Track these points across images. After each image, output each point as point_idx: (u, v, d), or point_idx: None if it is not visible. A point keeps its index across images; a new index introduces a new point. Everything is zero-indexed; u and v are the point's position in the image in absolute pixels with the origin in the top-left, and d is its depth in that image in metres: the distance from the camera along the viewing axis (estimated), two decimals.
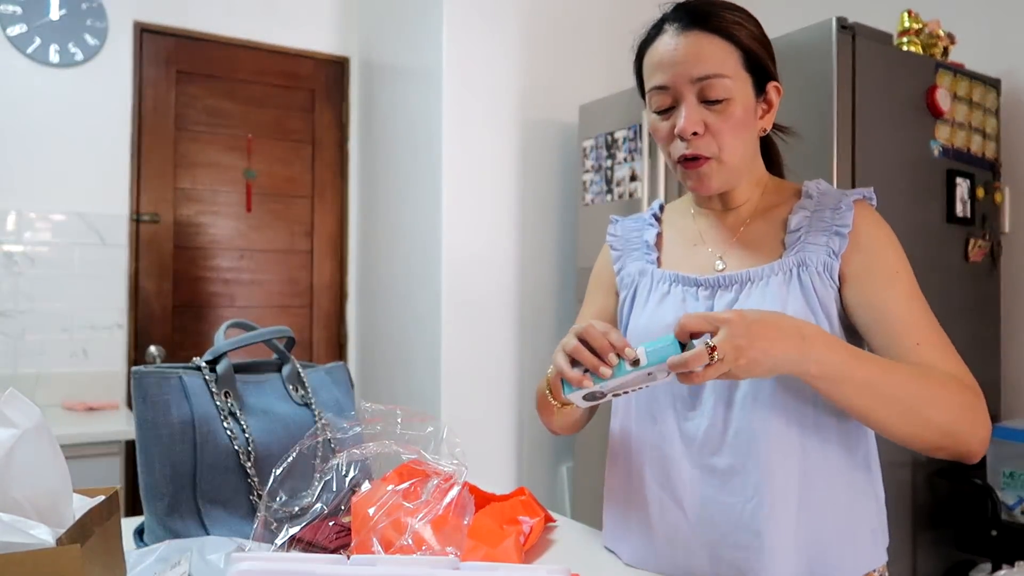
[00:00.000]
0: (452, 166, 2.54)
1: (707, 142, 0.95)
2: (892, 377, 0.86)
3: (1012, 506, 1.85)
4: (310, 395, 1.14)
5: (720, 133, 0.94)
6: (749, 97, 0.96)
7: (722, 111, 0.94)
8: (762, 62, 0.97)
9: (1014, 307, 2.16)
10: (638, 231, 1.12)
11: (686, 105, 0.94)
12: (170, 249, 2.98)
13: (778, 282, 0.94)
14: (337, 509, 0.89)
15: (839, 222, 0.95)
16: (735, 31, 0.94)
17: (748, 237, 1.01)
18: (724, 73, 0.93)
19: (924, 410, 0.85)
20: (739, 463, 0.92)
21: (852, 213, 0.95)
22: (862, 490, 0.96)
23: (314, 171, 3.27)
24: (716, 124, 0.94)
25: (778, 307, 0.92)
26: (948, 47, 2.06)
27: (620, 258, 1.12)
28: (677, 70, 0.94)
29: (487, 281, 2.60)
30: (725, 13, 0.95)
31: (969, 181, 2.03)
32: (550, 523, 1.18)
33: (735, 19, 0.96)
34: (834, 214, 0.95)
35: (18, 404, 0.65)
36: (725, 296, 0.97)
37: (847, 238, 0.94)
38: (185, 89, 3.02)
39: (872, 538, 0.97)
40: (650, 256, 1.08)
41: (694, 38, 0.94)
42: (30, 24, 2.71)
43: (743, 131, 0.96)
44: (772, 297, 0.93)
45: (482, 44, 2.60)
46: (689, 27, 0.94)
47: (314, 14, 3.23)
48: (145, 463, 0.99)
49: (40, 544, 0.59)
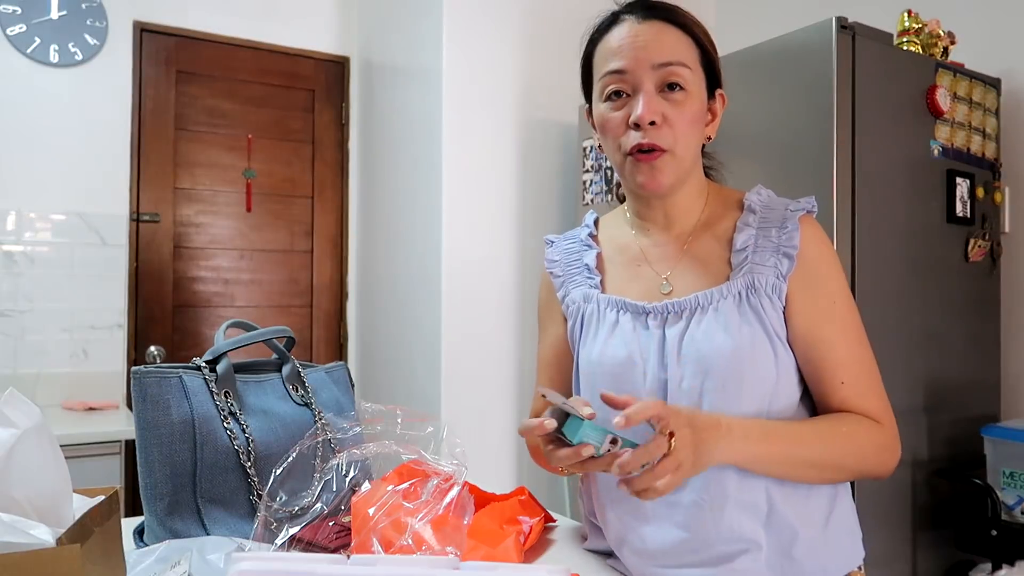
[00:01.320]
0: (452, 166, 2.54)
1: (665, 133, 0.92)
2: (804, 446, 0.90)
3: (1012, 506, 1.85)
4: (310, 395, 1.14)
5: (677, 124, 0.92)
6: (703, 95, 0.96)
7: (681, 103, 0.92)
8: (715, 64, 0.98)
9: (1014, 307, 2.16)
10: (576, 254, 1.09)
11: (645, 93, 0.92)
12: (170, 249, 2.98)
13: (728, 307, 0.92)
14: (337, 509, 0.89)
15: (787, 243, 0.93)
16: (694, 28, 0.95)
17: (693, 254, 0.99)
18: (686, 63, 0.92)
19: (837, 463, 0.92)
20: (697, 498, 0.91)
21: (799, 233, 0.93)
22: (831, 494, 0.96)
23: (314, 171, 3.27)
24: (673, 116, 0.92)
25: (733, 333, 0.90)
26: (948, 47, 2.06)
27: (563, 284, 1.08)
28: (638, 55, 0.92)
29: (487, 281, 2.60)
30: (681, 10, 0.96)
31: (969, 181, 2.03)
32: (550, 523, 1.18)
33: (692, 19, 0.97)
34: (780, 233, 0.94)
35: (18, 404, 0.65)
36: (676, 324, 0.94)
37: (795, 260, 0.92)
38: (185, 89, 3.02)
39: (850, 539, 0.98)
40: (593, 280, 1.04)
41: (657, 26, 0.93)
42: (30, 24, 2.71)
43: (696, 128, 0.95)
44: (724, 323, 0.91)
45: (482, 44, 2.60)
46: (649, 17, 0.94)
47: (314, 14, 3.23)
48: (145, 463, 0.99)
49: (40, 544, 0.59)
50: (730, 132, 2.00)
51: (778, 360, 0.92)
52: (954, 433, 1.96)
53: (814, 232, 0.95)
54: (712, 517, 0.91)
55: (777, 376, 0.91)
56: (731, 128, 1.99)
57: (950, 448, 1.95)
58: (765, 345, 0.91)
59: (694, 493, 0.91)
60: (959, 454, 1.96)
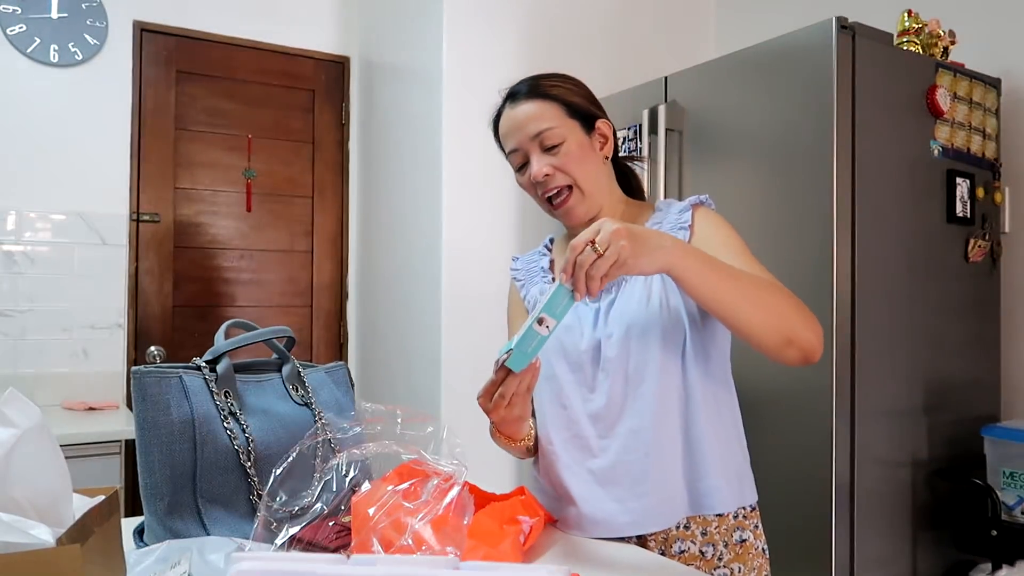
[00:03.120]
0: (452, 166, 2.54)
1: (559, 176, 1.18)
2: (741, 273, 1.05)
3: (1012, 506, 1.85)
4: (310, 395, 1.14)
5: (565, 166, 1.17)
6: (580, 136, 1.19)
7: (560, 152, 1.17)
8: (582, 109, 1.20)
9: (1014, 307, 2.16)
10: (535, 262, 1.35)
11: (533, 158, 1.19)
12: (170, 249, 2.98)
13: (640, 278, 1.15)
14: (337, 509, 0.89)
15: (681, 222, 1.17)
16: (553, 92, 1.20)
17: None
18: (552, 125, 1.17)
19: (768, 298, 1.04)
20: (635, 425, 1.13)
21: (690, 213, 1.18)
22: (727, 438, 1.18)
23: (314, 171, 3.27)
24: (559, 163, 1.17)
25: (646, 296, 1.14)
26: (948, 47, 2.06)
27: (524, 286, 1.34)
28: (519, 134, 1.19)
29: (487, 280, 2.60)
30: (542, 81, 1.21)
31: (969, 181, 2.03)
32: (550, 523, 1.18)
33: (551, 83, 1.21)
34: (678, 216, 1.18)
35: (18, 404, 0.65)
36: (607, 297, 1.18)
37: (688, 230, 1.16)
38: (185, 89, 3.02)
39: (739, 479, 1.18)
40: (547, 277, 1.30)
41: (524, 107, 1.19)
42: (30, 24, 2.71)
43: (584, 161, 1.18)
44: (639, 289, 1.15)
45: (482, 44, 2.60)
46: (517, 100, 1.21)
47: (314, 14, 3.23)
48: (145, 463, 0.99)
49: (40, 544, 0.59)
50: (730, 132, 2.00)
51: (686, 301, 1.13)
52: (954, 433, 1.96)
53: (705, 213, 1.19)
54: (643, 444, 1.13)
55: (688, 323, 1.13)
56: (731, 128, 2.00)
57: (950, 448, 1.95)
58: (676, 294, 1.13)
59: (626, 427, 1.14)
60: (959, 454, 1.96)
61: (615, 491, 1.14)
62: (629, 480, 1.13)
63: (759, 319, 1.02)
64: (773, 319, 1.03)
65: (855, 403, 1.72)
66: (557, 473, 1.20)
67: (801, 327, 1.04)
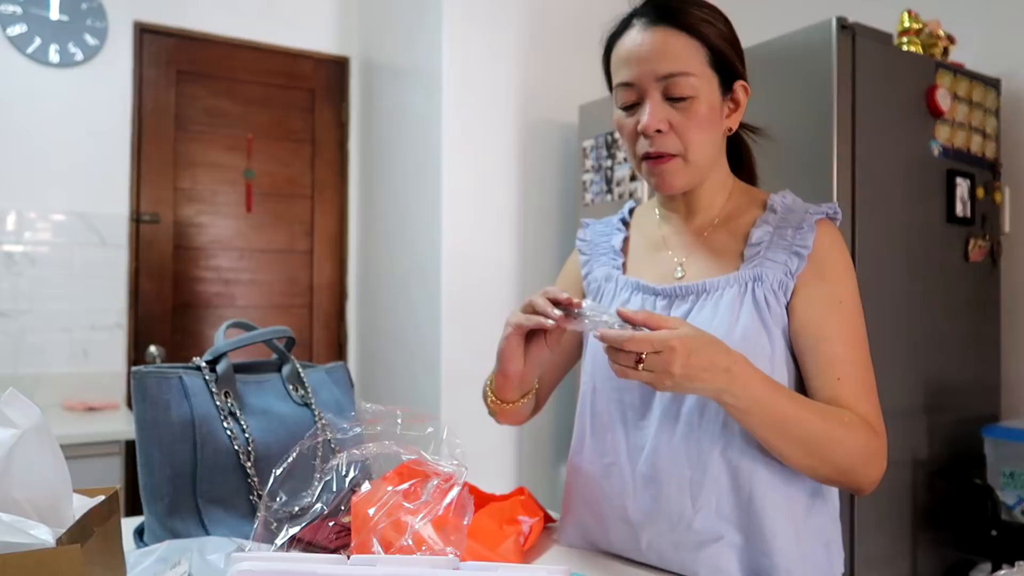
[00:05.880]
0: (452, 166, 2.54)
1: (672, 140, 0.95)
2: (802, 416, 0.87)
3: (1012, 506, 1.85)
4: (310, 395, 1.14)
5: (685, 131, 0.94)
6: (715, 95, 0.96)
7: (686, 109, 0.94)
8: (729, 61, 0.97)
9: (1014, 307, 2.15)
10: (607, 236, 1.15)
11: (650, 102, 0.94)
12: (170, 249, 2.98)
13: (732, 295, 0.95)
14: (337, 509, 0.89)
15: (800, 242, 0.95)
16: (703, 28, 0.94)
17: (709, 245, 1.02)
18: (689, 71, 0.93)
19: (825, 449, 0.88)
20: (683, 476, 0.94)
21: (814, 234, 0.95)
22: (811, 504, 0.96)
23: (314, 171, 3.27)
24: (680, 122, 0.94)
25: (730, 319, 0.93)
26: (948, 47, 2.06)
27: (588, 262, 1.14)
28: (642, 67, 0.94)
29: (487, 281, 2.60)
30: (693, 10, 0.95)
31: (969, 181, 2.03)
32: (550, 523, 1.18)
33: (703, 16, 0.95)
34: (796, 233, 0.96)
35: (18, 404, 0.65)
36: (681, 306, 0.99)
37: (806, 259, 0.95)
38: (185, 89, 3.02)
39: (826, 552, 0.97)
40: (616, 261, 1.10)
41: (661, 34, 0.94)
42: (30, 24, 2.71)
43: (708, 129, 0.96)
44: (725, 309, 0.94)
45: (482, 44, 2.60)
46: (656, 22, 0.94)
47: (314, 14, 3.23)
48: (145, 463, 0.99)
49: (40, 544, 0.58)
50: None
51: (774, 350, 0.93)
52: (954, 433, 1.96)
53: (830, 235, 0.97)
54: (691, 495, 0.94)
55: (772, 367, 0.93)
56: None
57: (950, 448, 1.95)
58: (762, 334, 0.93)
59: (676, 469, 0.95)
60: (959, 454, 1.96)
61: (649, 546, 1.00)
62: (667, 541, 0.98)
63: (806, 465, 0.89)
64: (822, 466, 0.89)
65: None
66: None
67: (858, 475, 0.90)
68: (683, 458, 0.94)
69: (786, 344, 0.95)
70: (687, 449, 0.94)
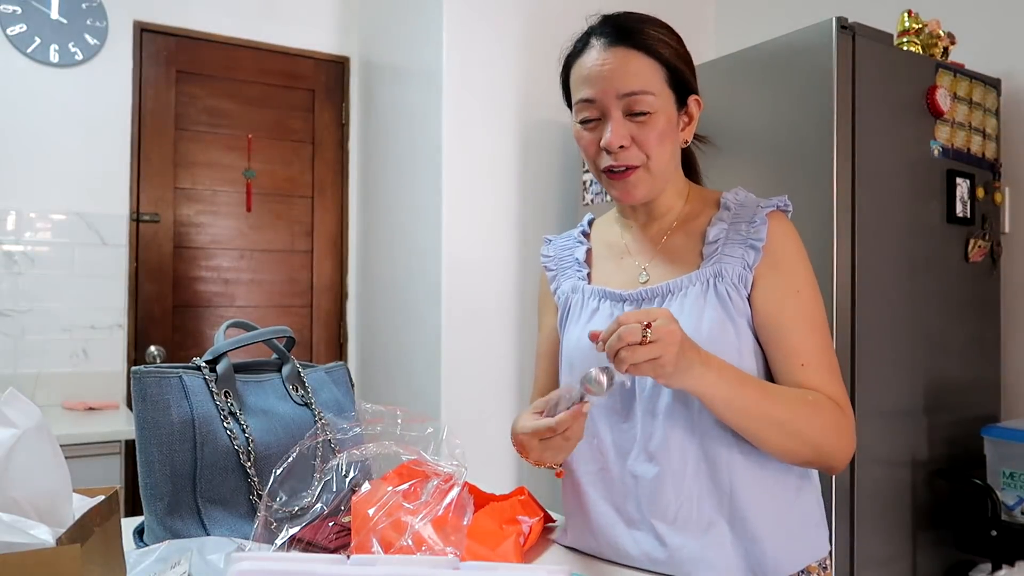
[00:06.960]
0: (452, 166, 2.54)
1: (634, 152, 0.99)
2: (773, 400, 0.93)
3: (1012, 506, 1.85)
4: (310, 395, 1.14)
5: (645, 143, 0.98)
6: (672, 111, 1.01)
7: (646, 123, 0.98)
8: (684, 78, 1.01)
9: (1014, 307, 2.16)
10: (569, 249, 1.18)
11: (612, 120, 0.98)
12: (170, 249, 2.98)
13: (696, 292, 0.99)
14: (337, 509, 0.89)
15: (754, 236, 0.99)
16: (660, 49, 0.98)
17: (669, 248, 1.06)
18: (649, 89, 0.97)
19: (799, 429, 0.93)
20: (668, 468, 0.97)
21: (767, 227, 0.99)
22: (796, 485, 1.01)
23: (314, 171, 3.27)
24: (640, 136, 0.98)
25: (696, 316, 0.97)
26: (948, 47, 2.06)
27: (555, 277, 1.17)
28: (604, 85, 0.98)
29: (487, 281, 2.60)
30: (650, 30, 0.99)
31: (969, 181, 2.03)
32: (549, 523, 1.18)
33: (659, 36, 0.99)
34: (749, 227, 1.00)
35: (18, 404, 0.65)
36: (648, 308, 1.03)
37: (761, 251, 0.98)
38: (185, 89, 3.02)
39: (812, 532, 1.02)
40: (581, 272, 1.13)
41: (621, 54, 0.98)
42: (30, 24, 2.71)
43: (667, 142, 1.01)
44: (690, 307, 0.98)
45: (482, 44, 2.59)
46: (616, 43, 0.98)
47: (314, 14, 3.23)
48: (145, 463, 0.99)
49: (40, 544, 0.59)
50: (731, 132, 2.00)
51: (740, 342, 0.97)
52: (954, 433, 1.96)
53: (782, 227, 1.01)
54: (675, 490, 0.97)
55: (740, 357, 0.97)
56: (732, 128, 2.00)
57: (950, 448, 1.95)
58: (728, 327, 0.97)
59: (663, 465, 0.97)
60: (959, 454, 1.96)
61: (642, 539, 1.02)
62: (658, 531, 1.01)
63: (783, 447, 0.94)
64: (798, 447, 0.94)
65: (855, 403, 1.72)
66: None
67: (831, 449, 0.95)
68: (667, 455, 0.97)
69: (752, 335, 0.99)
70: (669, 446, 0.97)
